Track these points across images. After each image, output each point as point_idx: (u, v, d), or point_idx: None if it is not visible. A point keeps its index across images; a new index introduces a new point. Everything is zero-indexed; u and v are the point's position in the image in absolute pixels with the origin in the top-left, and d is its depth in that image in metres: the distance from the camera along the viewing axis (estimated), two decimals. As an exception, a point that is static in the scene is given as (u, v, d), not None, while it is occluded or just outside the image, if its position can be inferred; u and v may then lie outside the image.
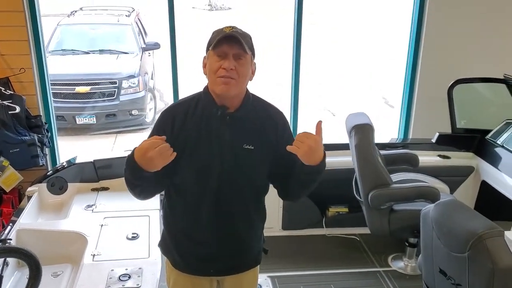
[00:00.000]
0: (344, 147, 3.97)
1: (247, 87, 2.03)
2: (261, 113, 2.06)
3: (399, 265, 3.70)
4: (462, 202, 2.29)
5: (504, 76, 3.87)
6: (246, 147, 2.00)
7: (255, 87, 2.14)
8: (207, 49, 1.96)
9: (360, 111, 3.63)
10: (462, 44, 4.42)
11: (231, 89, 1.92)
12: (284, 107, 3.15)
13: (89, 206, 3.39)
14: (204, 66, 1.99)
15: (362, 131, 3.25)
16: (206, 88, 2.02)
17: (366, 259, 3.78)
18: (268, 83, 10.53)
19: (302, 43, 4.39)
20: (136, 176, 1.99)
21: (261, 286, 3.42)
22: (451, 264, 2.22)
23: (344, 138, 4.34)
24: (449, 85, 3.94)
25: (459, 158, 4.06)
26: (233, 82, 1.91)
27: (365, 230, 3.88)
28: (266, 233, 3.14)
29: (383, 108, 9.31)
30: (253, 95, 2.08)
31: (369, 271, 3.64)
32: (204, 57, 2.00)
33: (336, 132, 8.01)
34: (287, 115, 3.35)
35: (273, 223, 4.01)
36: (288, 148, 1.89)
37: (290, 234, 4.03)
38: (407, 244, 3.64)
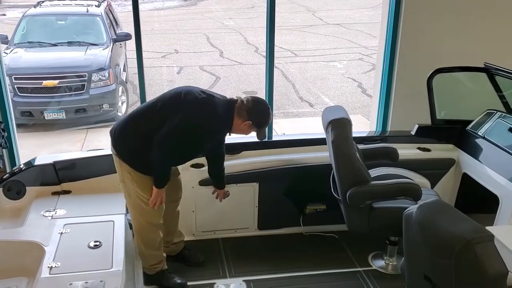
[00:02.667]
0: (321, 141, 3.79)
1: None
2: None
3: (380, 264, 3.55)
4: (447, 203, 2.13)
5: (484, 64, 3.72)
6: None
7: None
8: (255, 124, 3.00)
9: (337, 104, 3.44)
10: (442, 34, 4.28)
11: None
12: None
13: (48, 212, 3.14)
14: (245, 124, 2.99)
15: (339, 126, 3.06)
16: (232, 118, 2.98)
17: (345, 258, 3.61)
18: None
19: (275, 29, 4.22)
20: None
21: (235, 292, 3.24)
22: (436, 271, 2.06)
23: (321, 132, 4.18)
24: (429, 75, 3.77)
25: (440, 151, 3.92)
26: None
27: (344, 227, 3.70)
28: (242, 233, 3.77)
29: (361, 98, 9.19)
30: None
31: (349, 271, 3.48)
32: (249, 123, 2.98)
33: (314, 123, 7.93)
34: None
35: (249, 223, 3.82)
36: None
37: (266, 233, 3.85)
38: (387, 242, 3.49)
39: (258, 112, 2.98)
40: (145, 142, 2.92)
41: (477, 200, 3.69)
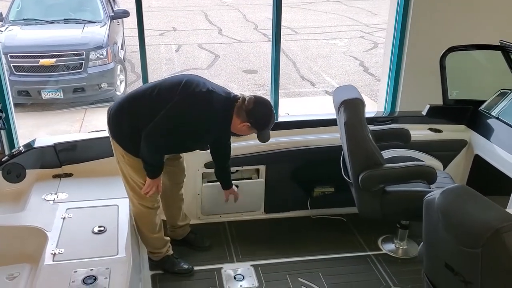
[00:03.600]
0: (329, 123, 3.69)
1: None
2: None
3: (390, 247, 3.47)
4: (472, 189, 2.02)
5: (500, 42, 3.59)
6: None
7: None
8: (254, 126, 2.83)
9: (348, 84, 3.32)
10: (454, 11, 4.13)
11: None
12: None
13: (49, 195, 3.04)
14: (243, 125, 2.82)
15: (352, 106, 2.94)
16: (231, 116, 2.82)
17: (354, 242, 3.53)
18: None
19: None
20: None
21: (243, 277, 3.15)
22: (460, 260, 1.96)
23: (328, 113, 4.06)
24: (442, 53, 3.64)
25: (451, 132, 3.81)
26: None
27: (352, 210, 3.63)
28: (248, 217, 3.73)
29: (363, 76, 9.05)
30: None
31: (358, 255, 3.40)
32: (247, 125, 2.82)
33: (316, 102, 7.80)
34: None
35: (255, 206, 3.72)
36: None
37: (273, 217, 3.76)
38: (398, 226, 3.40)
39: (258, 114, 2.80)
40: (137, 127, 2.78)
41: (489, 182, 3.60)
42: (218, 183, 3.36)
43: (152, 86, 2.89)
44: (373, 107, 6.42)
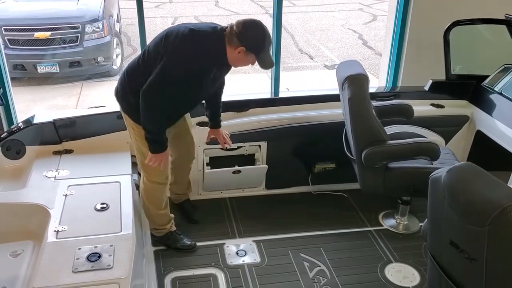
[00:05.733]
0: (329, 98, 3.67)
1: None
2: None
3: (391, 223, 3.49)
4: (479, 167, 2.01)
5: (505, 16, 3.54)
6: (224, 77, 2.99)
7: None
8: (250, 48, 2.63)
9: (352, 59, 3.27)
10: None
11: None
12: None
13: (50, 172, 3.01)
14: (239, 52, 2.64)
15: (356, 82, 2.90)
16: (224, 48, 2.67)
17: (355, 217, 3.55)
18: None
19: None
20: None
21: (246, 252, 3.17)
22: (465, 237, 1.97)
23: (327, 88, 4.02)
24: (446, 27, 3.59)
25: (453, 107, 3.79)
26: None
27: (353, 186, 3.66)
28: (250, 193, 3.71)
29: (362, 50, 8.96)
30: None
31: (360, 231, 3.41)
32: (242, 49, 2.63)
33: (315, 76, 7.73)
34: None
35: (257, 182, 3.72)
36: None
37: (274, 193, 3.76)
38: (400, 202, 3.41)
39: (250, 35, 2.61)
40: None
41: (491, 158, 3.59)
42: (222, 169, 3.42)
43: (141, 52, 2.86)
44: (373, 81, 6.37)
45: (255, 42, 2.63)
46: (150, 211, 3.12)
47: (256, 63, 2.68)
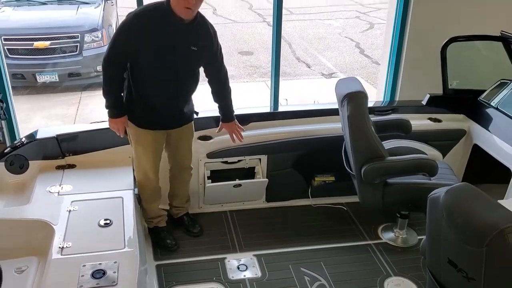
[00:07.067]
0: (328, 112, 3.72)
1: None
2: (204, 28, 2.95)
3: (390, 236, 3.53)
4: (477, 188, 2.06)
5: (501, 33, 3.60)
6: (192, 48, 2.89)
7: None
8: None
9: (351, 76, 3.33)
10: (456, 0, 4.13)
11: (191, 15, 2.82)
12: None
13: (54, 187, 3.05)
14: None
15: (355, 100, 2.96)
16: (168, 3, 2.78)
17: (355, 231, 3.59)
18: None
19: None
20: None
21: (247, 267, 3.20)
22: (463, 257, 2.01)
23: (328, 102, 4.07)
24: (443, 43, 3.65)
25: (450, 121, 3.85)
26: (193, 11, 2.79)
27: (352, 199, 3.71)
28: (250, 206, 3.74)
29: (359, 58, 9.03)
30: (200, 14, 2.91)
31: (359, 244, 3.45)
32: None
33: (313, 85, 7.79)
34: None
35: (257, 195, 3.75)
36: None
37: (274, 205, 3.80)
38: (398, 216, 3.46)
39: None
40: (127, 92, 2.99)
41: (487, 172, 3.65)
42: (223, 182, 3.47)
43: None
44: (370, 90, 6.43)
45: None
46: (143, 204, 3.27)
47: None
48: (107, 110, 2.99)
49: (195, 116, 3.25)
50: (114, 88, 2.95)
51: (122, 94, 2.98)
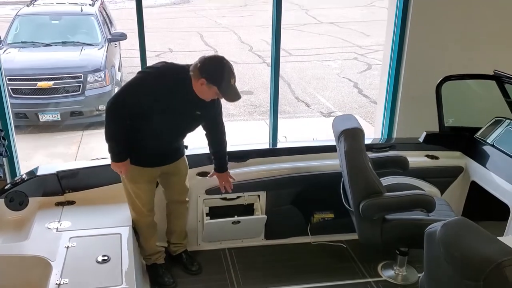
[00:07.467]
0: (327, 149, 3.76)
1: None
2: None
3: (390, 274, 3.50)
4: (473, 222, 2.08)
5: (494, 72, 3.69)
6: (196, 112, 3.03)
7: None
8: (211, 80, 2.82)
9: (347, 113, 3.39)
10: (450, 40, 4.24)
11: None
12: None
13: (52, 223, 3.05)
14: (201, 83, 2.84)
15: (352, 136, 3.00)
16: (190, 81, 2.88)
17: (354, 268, 3.56)
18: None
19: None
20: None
21: (244, 305, 3.17)
22: (462, 292, 2.00)
23: (326, 139, 4.12)
24: (438, 82, 3.73)
25: (448, 158, 3.88)
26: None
27: (352, 236, 3.68)
28: (249, 243, 3.75)
29: (357, 98, 9.16)
30: None
31: (359, 282, 3.42)
32: (203, 81, 2.83)
33: (312, 124, 7.87)
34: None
35: (255, 232, 3.74)
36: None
37: (273, 243, 3.78)
38: (398, 253, 3.44)
39: (209, 68, 2.82)
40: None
41: (486, 208, 3.66)
42: (221, 219, 3.48)
43: None
44: (368, 129, 6.51)
45: (214, 74, 2.82)
46: (140, 240, 3.24)
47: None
48: (110, 154, 3.01)
49: (185, 150, 3.32)
50: (117, 134, 2.96)
51: (124, 139, 2.99)
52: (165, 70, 2.95)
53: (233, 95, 2.89)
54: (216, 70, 2.84)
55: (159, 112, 2.90)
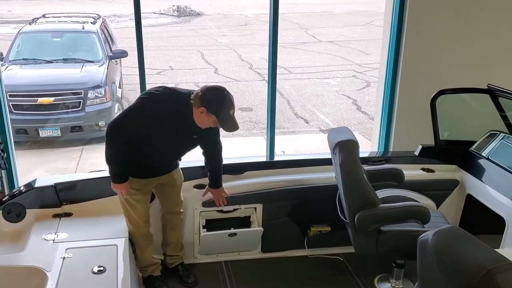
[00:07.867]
0: (324, 162, 3.78)
1: None
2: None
3: (386, 286, 3.50)
4: (464, 230, 2.09)
5: (487, 86, 3.73)
6: (194, 136, 3.10)
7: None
8: (210, 109, 2.88)
9: (342, 126, 3.42)
10: (444, 55, 4.30)
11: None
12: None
13: (49, 235, 3.07)
14: (201, 112, 2.91)
15: (347, 148, 3.03)
16: (191, 108, 2.94)
17: (351, 281, 3.56)
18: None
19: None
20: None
21: (240, 319, 3.16)
22: (454, 300, 2.01)
23: (323, 152, 4.14)
24: (432, 96, 3.77)
25: (443, 171, 3.90)
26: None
27: (348, 249, 3.68)
28: (245, 256, 3.73)
29: (356, 115, 9.21)
30: None
31: None
32: (203, 109, 2.89)
33: (311, 140, 7.92)
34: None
35: (252, 245, 3.75)
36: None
37: (270, 256, 3.78)
38: (394, 265, 3.44)
39: (210, 97, 2.88)
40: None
41: (482, 221, 3.66)
42: (218, 231, 3.51)
43: None
44: (367, 145, 6.54)
45: (215, 104, 2.88)
46: (136, 251, 3.26)
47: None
48: (110, 176, 3.07)
49: (179, 161, 3.37)
50: (117, 157, 3.01)
51: (125, 161, 3.04)
52: (166, 96, 3.00)
53: (231, 125, 2.94)
54: (217, 99, 2.90)
55: (158, 136, 2.98)
